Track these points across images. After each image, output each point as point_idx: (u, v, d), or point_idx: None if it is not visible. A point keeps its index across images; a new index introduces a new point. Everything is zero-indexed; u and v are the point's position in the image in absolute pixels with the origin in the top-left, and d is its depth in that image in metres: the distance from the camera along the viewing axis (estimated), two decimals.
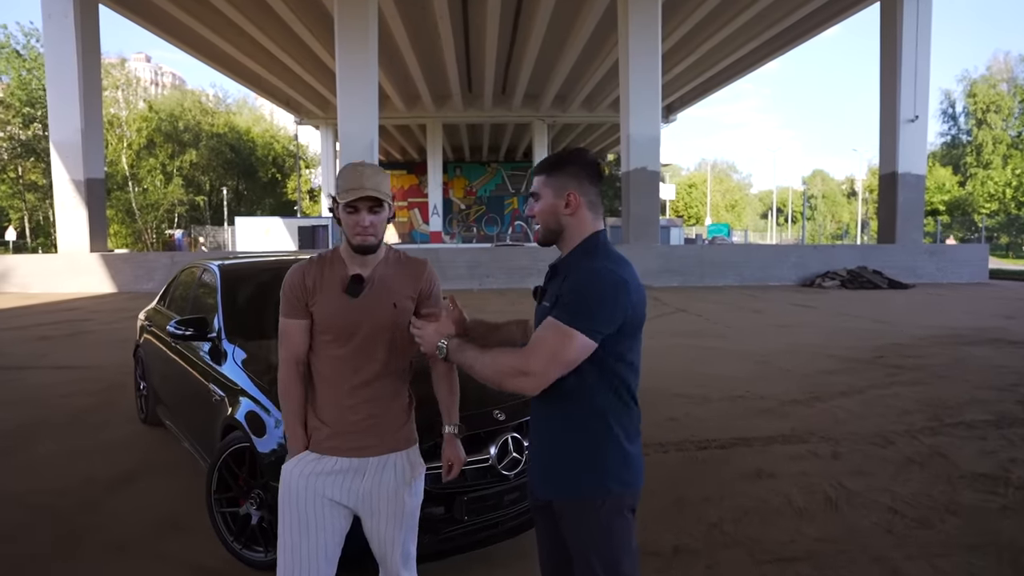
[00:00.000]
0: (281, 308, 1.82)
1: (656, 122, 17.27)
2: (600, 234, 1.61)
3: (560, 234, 1.61)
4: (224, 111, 43.40)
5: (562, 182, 1.58)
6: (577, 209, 1.58)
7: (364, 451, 1.82)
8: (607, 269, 1.49)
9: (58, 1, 16.08)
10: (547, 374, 1.46)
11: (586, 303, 1.45)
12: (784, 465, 4.01)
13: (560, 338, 1.44)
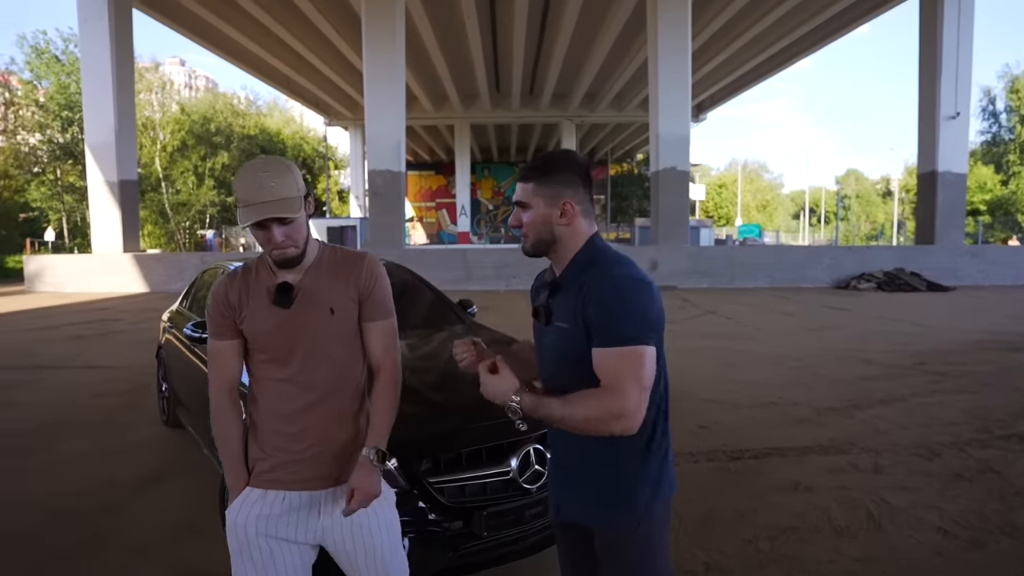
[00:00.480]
0: (208, 329, 1.65)
1: (686, 121, 16.98)
2: (595, 237, 1.51)
3: (552, 245, 1.49)
4: (255, 113, 44.05)
5: (555, 190, 1.47)
6: (573, 218, 1.47)
7: (313, 483, 1.59)
8: (626, 275, 1.40)
9: (93, 5, 16.40)
10: (640, 406, 1.34)
11: (630, 313, 1.36)
12: (822, 478, 3.82)
13: (633, 361, 1.34)
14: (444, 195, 46.13)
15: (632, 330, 1.34)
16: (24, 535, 3.24)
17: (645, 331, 1.35)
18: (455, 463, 2.53)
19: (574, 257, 1.48)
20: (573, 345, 1.41)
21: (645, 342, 1.34)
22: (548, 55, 24.88)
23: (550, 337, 1.50)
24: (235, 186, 1.49)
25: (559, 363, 1.49)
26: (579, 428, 1.37)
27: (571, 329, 1.41)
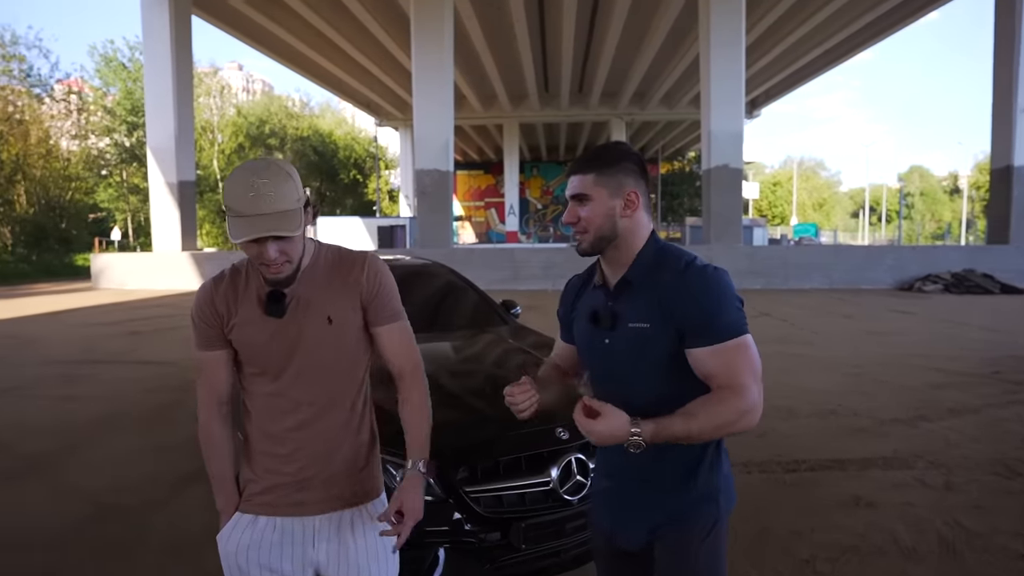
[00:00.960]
0: (193, 339, 1.47)
1: (739, 117, 16.49)
2: (655, 233, 1.45)
3: (614, 240, 1.40)
4: (308, 115, 45.10)
5: (619, 180, 1.39)
6: (637, 210, 1.40)
7: (308, 508, 1.45)
8: (707, 267, 1.35)
9: (156, 14, 17.01)
10: (761, 397, 1.31)
11: (728, 305, 1.31)
12: (886, 494, 3.55)
13: (744, 352, 1.30)
14: (493, 194, 46.23)
15: (734, 322, 1.30)
16: (69, 528, 3.30)
17: (743, 319, 1.32)
18: (492, 472, 2.41)
19: (639, 253, 1.41)
20: (656, 347, 1.35)
21: (747, 331, 1.32)
22: (597, 53, 24.62)
23: (622, 341, 1.40)
24: (226, 191, 1.29)
25: (636, 367, 1.40)
26: (708, 438, 1.31)
27: (653, 330, 1.34)
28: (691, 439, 1.28)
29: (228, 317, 1.41)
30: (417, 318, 3.83)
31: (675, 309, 1.32)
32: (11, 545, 3.12)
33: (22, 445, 4.68)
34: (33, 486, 3.91)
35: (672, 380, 1.35)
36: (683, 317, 1.31)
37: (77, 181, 26.87)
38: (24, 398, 6.07)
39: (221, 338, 1.43)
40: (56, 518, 3.43)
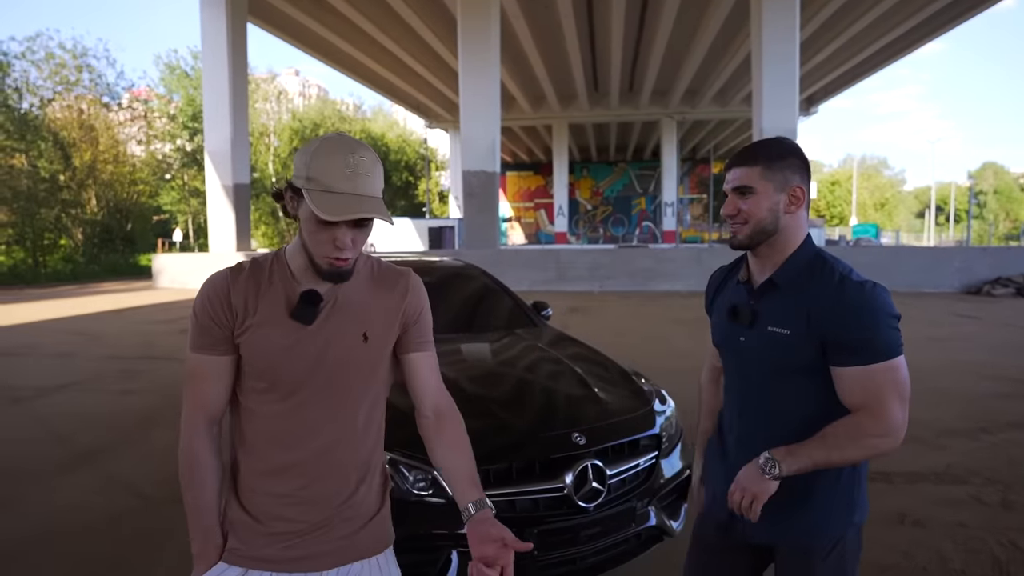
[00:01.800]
0: (190, 337, 1.22)
1: (792, 114, 15.97)
2: (811, 237, 1.43)
3: (772, 236, 1.38)
4: (360, 118, 46.05)
5: (786, 175, 1.36)
6: (800, 208, 1.38)
7: (313, 562, 1.21)
8: (868, 283, 1.33)
9: (213, 22, 17.64)
10: (905, 421, 1.29)
11: (886, 326, 1.29)
12: (936, 511, 3.35)
13: (894, 376, 1.28)
14: (543, 195, 46.14)
15: (890, 344, 1.28)
16: (111, 517, 3.43)
17: (899, 340, 1.30)
18: (505, 476, 2.38)
19: (792, 255, 1.38)
20: (793, 355, 1.34)
21: (900, 352, 1.29)
22: (647, 52, 24.28)
23: (757, 343, 1.40)
24: (318, 164, 1.10)
25: (767, 372, 1.40)
26: (851, 461, 1.32)
27: (793, 337, 1.33)
28: (831, 464, 1.30)
29: (244, 316, 1.18)
30: (444, 319, 3.84)
31: (825, 322, 1.29)
32: (57, 532, 3.26)
33: (79, 437, 4.90)
34: (84, 476, 4.08)
35: (805, 393, 1.35)
36: (835, 333, 1.29)
37: (142, 185, 28.16)
38: (85, 391, 6.36)
39: (228, 341, 1.18)
40: (100, 508, 3.57)
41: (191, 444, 1.21)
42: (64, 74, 25.40)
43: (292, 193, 1.15)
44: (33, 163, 24.05)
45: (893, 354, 1.28)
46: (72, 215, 25.39)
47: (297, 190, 1.13)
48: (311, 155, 1.11)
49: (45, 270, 24.01)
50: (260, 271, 1.24)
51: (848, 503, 1.41)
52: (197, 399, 1.21)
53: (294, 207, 1.16)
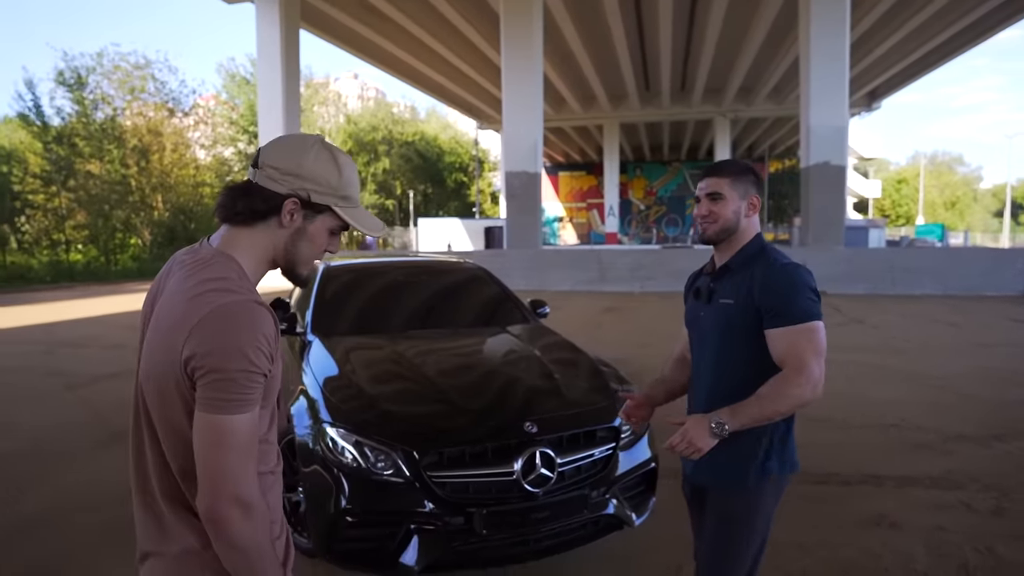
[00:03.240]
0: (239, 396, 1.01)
1: (842, 110, 15.44)
2: (759, 234, 1.78)
3: (733, 233, 1.75)
4: (412, 120, 46.95)
5: (747, 187, 1.75)
6: (754, 212, 1.77)
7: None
8: (791, 263, 1.66)
9: (268, 29, 18.37)
10: (822, 373, 1.57)
11: (801, 294, 1.60)
12: (917, 514, 3.30)
13: (809, 335, 1.57)
14: (595, 195, 45.85)
15: (806, 310, 1.59)
16: (130, 491, 3.73)
17: (815, 308, 1.61)
18: (458, 459, 2.52)
19: (744, 247, 1.74)
20: (737, 321, 1.67)
21: (817, 317, 1.60)
22: (698, 49, 23.88)
23: (712, 316, 1.76)
24: (344, 176, 1.15)
25: (722, 339, 1.73)
26: (782, 414, 1.59)
27: (736, 306, 1.68)
28: (767, 418, 1.58)
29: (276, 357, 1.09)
30: (437, 315, 4.01)
31: (759, 293, 1.63)
32: (82, 503, 3.61)
33: (117, 420, 5.29)
34: (115, 454, 4.44)
35: (746, 352, 1.67)
36: (765, 301, 1.62)
37: (205, 187, 29.56)
38: (130, 380, 6.73)
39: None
40: (124, 482, 3.89)
41: (265, 514, 1.08)
42: (131, 84, 26.95)
43: (302, 207, 1.13)
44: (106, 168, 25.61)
45: (808, 318, 1.59)
46: (141, 216, 26.91)
47: (311, 205, 1.13)
48: (343, 168, 1.15)
49: (115, 267, 25.54)
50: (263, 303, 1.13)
51: (765, 453, 1.67)
52: (252, 460, 1.06)
53: (295, 220, 1.14)
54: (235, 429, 1.01)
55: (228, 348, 0.99)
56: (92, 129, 25.76)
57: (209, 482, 1.01)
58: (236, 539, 1.02)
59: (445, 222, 33.49)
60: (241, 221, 1.13)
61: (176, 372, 1.02)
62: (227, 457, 1.01)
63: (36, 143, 25.48)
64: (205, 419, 1.01)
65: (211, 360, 0.99)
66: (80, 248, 26.54)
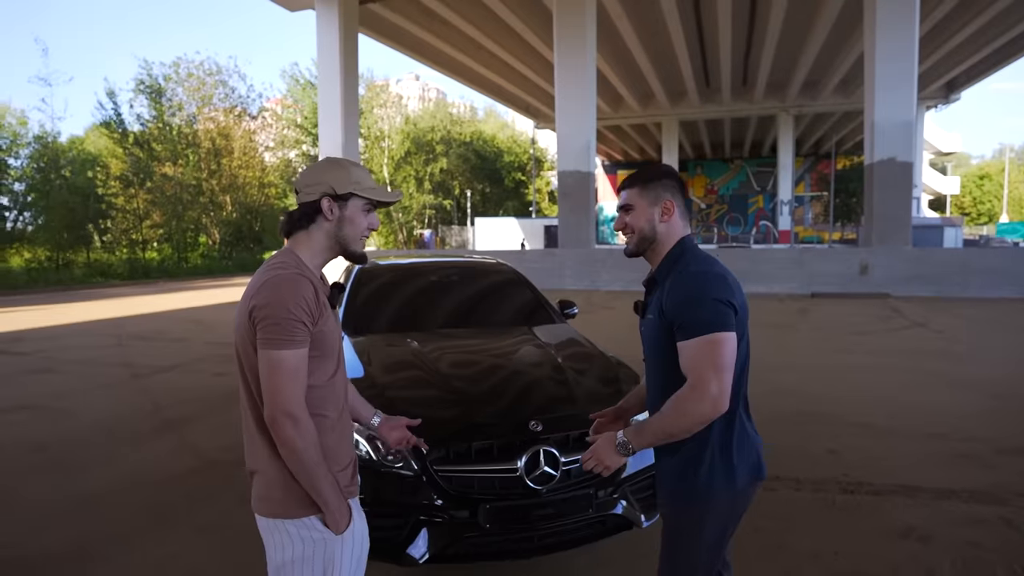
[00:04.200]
0: (284, 334, 1.40)
1: (909, 104, 14.70)
2: (686, 239, 1.68)
3: (653, 242, 1.68)
4: (471, 120, 47.46)
5: (658, 193, 1.67)
6: (671, 217, 1.66)
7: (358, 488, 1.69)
8: (699, 271, 1.56)
9: (327, 33, 18.94)
10: (722, 388, 1.47)
11: (702, 305, 1.50)
12: (950, 529, 3.16)
13: (708, 348, 1.48)
14: None
15: (706, 320, 1.49)
16: (176, 475, 4.00)
17: (717, 319, 1.49)
18: (464, 455, 2.58)
19: (666, 256, 1.67)
20: (657, 336, 1.60)
21: (719, 329, 1.48)
22: (760, 43, 23.22)
23: (645, 331, 1.71)
24: (353, 175, 1.55)
25: (652, 354, 1.68)
26: (684, 431, 1.52)
27: (655, 321, 1.61)
28: (670, 435, 1.53)
29: (320, 312, 1.49)
30: (462, 314, 4.08)
31: (668, 306, 1.56)
32: (132, 483, 3.89)
33: (170, 409, 5.63)
34: (164, 441, 4.74)
35: (670, 368, 1.57)
36: (672, 314, 1.54)
37: (272, 188, 30.77)
38: (187, 372, 7.23)
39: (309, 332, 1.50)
40: (171, 466, 4.17)
41: (311, 427, 1.44)
42: (203, 91, 28.34)
43: (333, 200, 1.53)
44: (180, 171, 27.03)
45: (708, 330, 1.48)
46: (211, 216, 28.27)
47: (339, 196, 1.53)
48: (348, 171, 1.55)
49: (186, 265, 26.92)
50: (305, 270, 1.53)
51: (710, 465, 1.58)
52: (302, 386, 1.43)
53: (335, 211, 1.53)
54: (283, 359, 1.39)
55: (275, 303, 1.40)
56: (168, 134, 27.25)
57: (268, 400, 1.40)
58: (288, 443, 1.40)
59: (502, 221, 33.76)
60: (298, 228, 1.55)
61: (246, 322, 1.43)
62: (279, 380, 1.39)
63: (117, 148, 27.14)
64: (263, 354, 1.40)
65: (265, 311, 1.39)
66: (155, 246, 28.10)
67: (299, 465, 1.42)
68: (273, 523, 1.48)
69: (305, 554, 1.47)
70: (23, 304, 15.53)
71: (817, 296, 14.38)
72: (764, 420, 4.86)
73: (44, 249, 23.46)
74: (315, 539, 1.47)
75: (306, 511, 1.47)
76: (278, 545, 1.49)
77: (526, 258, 18.16)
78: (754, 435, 1.65)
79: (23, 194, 25.71)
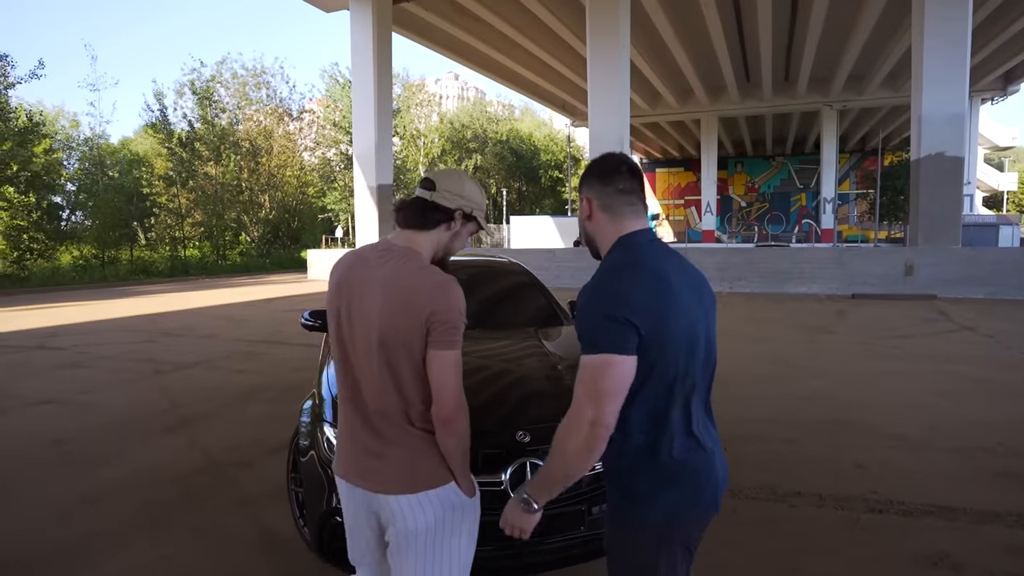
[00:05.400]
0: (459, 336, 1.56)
1: (960, 96, 13.96)
2: (624, 238, 1.46)
3: (593, 243, 1.55)
4: (507, 119, 47.40)
5: (583, 189, 1.53)
6: (591, 214, 1.51)
7: None
8: (594, 286, 1.38)
9: (361, 33, 19.04)
10: (602, 411, 1.30)
11: (588, 319, 1.34)
12: (988, 556, 2.87)
13: (588, 372, 1.32)
14: (694, 192, 44.40)
15: (588, 339, 1.33)
16: (176, 476, 3.96)
17: (606, 339, 1.30)
18: None
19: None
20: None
21: (608, 350, 1.29)
22: (802, 35, 22.45)
23: None
24: (472, 194, 1.71)
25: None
26: (577, 468, 1.36)
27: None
28: (567, 476, 1.37)
29: None
30: (468, 315, 3.93)
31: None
32: (134, 482, 3.86)
33: (187, 407, 5.64)
34: (173, 439, 4.72)
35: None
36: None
37: (311, 188, 31.24)
38: (210, 369, 7.26)
39: None
40: (175, 465, 4.15)
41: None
42: (246, 93, 28.93)
43: (464, 218, 1.68)
44: (221, 170, 27.65)
45: (595, 351, 1.31)
46: (250, 215, 28.84)
47: (470, 217, 1.69)
48: (480, 194, 1.73)
49: (225, 263, 27.52)
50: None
51: (632, 494, 1.41)
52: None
53: (456, 226, 1.67)
54: (458, 359, 1.54)
55: (453, 308, 1.53)
56: (211, 134, 27.91)
57: (448, 395, 1.53)
58: (463, 431, 1.59)
59: (537, 220, 33.52)
60: (422, 226, 1.64)
61: (416, 323, 1.51)
62: (456, 377, 1.54)
63: (162, 148, 27.91)
64: (440, 354, 1.52)
65: (445, 315, 1.51)
66: (196, 244, 28.81)
67: (464, 446, 1.62)
68: (417, 498, 1.59)
69: (442, 519, 1.61)
70: (68, 300, 16.04)
71: (858, 297, 13.80)
72: (786, 428, 4.63)
73: (91, 247, 24.26)
74: (453, 503, 1.63)
75: (444, 480, 1.62)
76: (417, 517, 1.59)
77: (558, 257, 17.94)
78: (698, 464, 1.41)
79: (74, 194, 26.68)
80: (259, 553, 2.98)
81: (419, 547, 1.61)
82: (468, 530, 1.70)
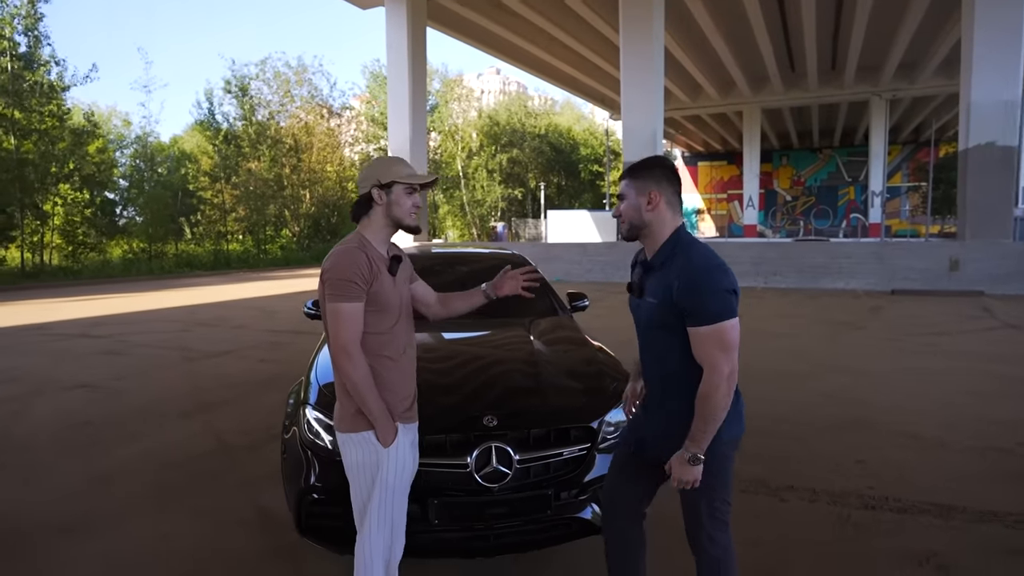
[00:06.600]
0: (340, 291, 1.87)
1: (1014, 81, 13.30)
2: (681, 229, 1.85)
3: (643, 229, 1.86)
4: (545, 113, 47.23)
5: (646, 183, 1.84)
6: (656, 207, 1.83)
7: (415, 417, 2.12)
8: (704, 264, 1.73)
9: (396, 29, 19.25)
10: (733, 367, 1.70)
11: (713, 295, 1.68)
12: (978, 557, 2.76)
13: (718, 336, 1.69)
14: (737, 186, 43.48)
15: (715, 311, 1.69)
16: (186, 458, 4.12)
17: (726, 308, 1.69)
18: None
19: (663, 244, 1.83)
20: (660, 317, 1.79)
21: (728, 316, 1.69)
22: (849, 22, 21.70)
23: (643, 310, 1.89)
24: (386, 167, 1.98)
25: (650, 332, 1.88)
26: (722, 411, 1.71)
27: (658, 305, 1.79)
28: (716, 421, 1.72)
29: (374, 275, 1.94)
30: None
31: (677, 293, 1.72)
32: (144, 464, 4.04)
33: (208, 393, 5.85)
34: (190, 423, 4.92)
35: (670, 344, 1.79)
36: (681, 301, 1.72)
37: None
38: (237, 358, 7.51)
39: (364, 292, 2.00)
40: (186, 448, 4.32)
41: (361, 359, 1.91)
42: (287, 89, 29.59)
43: (380, 189, 1.95)
44: (264, 166, 28.37)
45: (718, 320, 1.68)
46: (291, 210, 29.53)
47: (384, 185, 1.95)
48: (385, 163, 1.99)
49: (265, 256, 28.26)
50: (365, 247, 1.97)
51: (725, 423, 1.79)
52: (355, 331, 1.90)
53: (383, 197, 1.95)
54: (339, 310, 1.86)
55: (334, 267, 1.88)
56: (253, 131, 28.65)
57: (331, 341, 1.90)
58: (343, 372, 1.89)
59: (574, 214, 33.36)
60: (361, 214, 2.02)
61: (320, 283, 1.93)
62: (337, 325, 1.87)
63: (208, 145, 28.80)
64: (328, 306, 1.88)
65: (328, 274, 1.88)
66: (239, 239, 29.66)
67: (354, 389, 1.89)
68: (343, 436, 1.97)
69: (360, 460, 1.96)
70: (115, 292, 16.74)
71: (898, 293, 13.32)
72: (797, 425, 4.53)
73: (140, 241, 25.23)
74: (367, 449, 1.95)
75: (363, 427, 1.94)
76: (345, 453, 1.99)
77: (589, 251, 17.82)
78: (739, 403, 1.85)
79: (126, 190, 27.78)
80: (253, 533, 3.09)
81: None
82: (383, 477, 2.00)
